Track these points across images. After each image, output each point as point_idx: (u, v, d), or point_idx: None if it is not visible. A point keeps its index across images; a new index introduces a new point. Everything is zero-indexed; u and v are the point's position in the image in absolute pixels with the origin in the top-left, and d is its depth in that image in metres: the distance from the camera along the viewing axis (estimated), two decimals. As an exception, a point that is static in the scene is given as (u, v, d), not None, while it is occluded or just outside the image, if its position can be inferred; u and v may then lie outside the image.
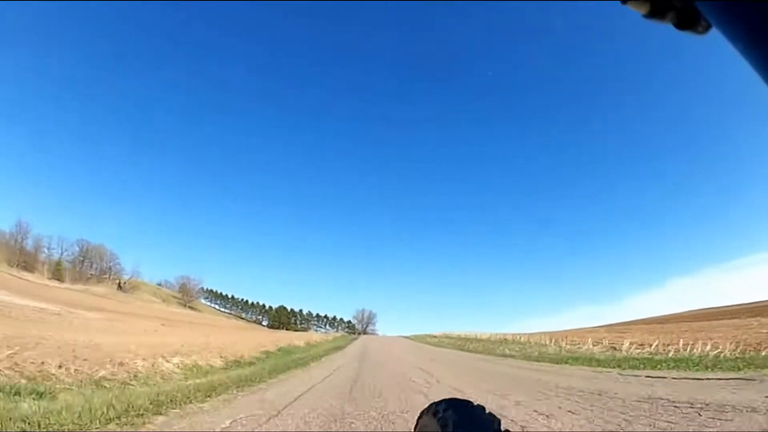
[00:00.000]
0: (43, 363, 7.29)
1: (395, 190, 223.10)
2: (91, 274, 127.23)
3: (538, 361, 16.67)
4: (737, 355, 11.38)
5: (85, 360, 8.24)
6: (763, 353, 10.96)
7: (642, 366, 11.44)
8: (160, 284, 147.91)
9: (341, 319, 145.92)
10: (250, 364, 14.21)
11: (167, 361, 10.15)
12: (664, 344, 16.47)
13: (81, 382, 6.97)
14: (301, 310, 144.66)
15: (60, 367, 7.36)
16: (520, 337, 35.59)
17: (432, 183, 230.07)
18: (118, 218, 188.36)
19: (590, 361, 14.38)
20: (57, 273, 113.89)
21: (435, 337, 61.74)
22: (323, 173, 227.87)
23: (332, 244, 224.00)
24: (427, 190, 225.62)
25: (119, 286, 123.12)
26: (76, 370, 7.46)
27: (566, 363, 14.55)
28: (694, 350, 13.36)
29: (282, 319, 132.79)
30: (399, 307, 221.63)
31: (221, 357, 13.68)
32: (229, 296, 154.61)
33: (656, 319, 68.44)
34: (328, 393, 8.66)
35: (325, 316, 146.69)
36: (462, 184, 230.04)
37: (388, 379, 11.39)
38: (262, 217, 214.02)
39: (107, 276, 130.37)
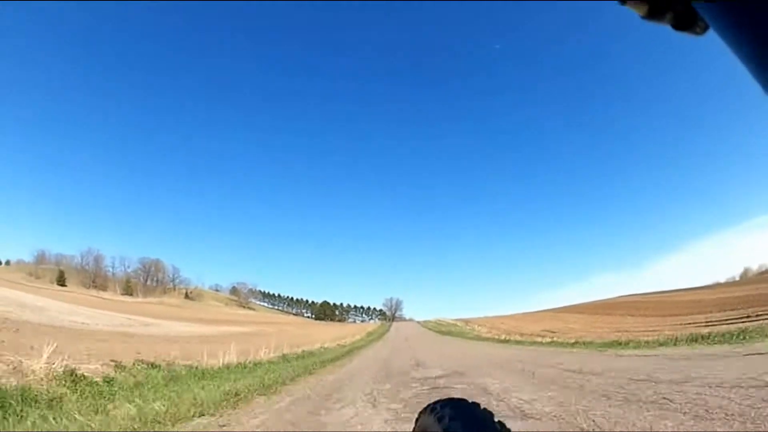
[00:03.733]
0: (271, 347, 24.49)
1: (420, 189, 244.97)
2: (155, 287, 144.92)
3: (452, 335, 34.44)
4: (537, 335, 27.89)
5: (307, 343, 25.25)
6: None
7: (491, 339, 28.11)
8: (214, 289, 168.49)
9: (374, 309, 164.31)
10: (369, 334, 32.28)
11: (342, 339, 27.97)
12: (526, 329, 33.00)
13: (320, 348, 23.88)
14: (341, 304, 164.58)
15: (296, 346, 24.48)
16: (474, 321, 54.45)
17: (450, 183, 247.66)
18: (165, 232, 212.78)
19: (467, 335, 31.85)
20: (128, 288, 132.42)
21: (430, 322, 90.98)
22: (350, 176, 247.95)
23: (363, 238, 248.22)
24: (445, 189, 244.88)
25: (186, 296, 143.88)
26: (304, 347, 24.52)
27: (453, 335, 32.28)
28: (533, 332, 29.84)
29: (326, 312, 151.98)
30: (425, 292, 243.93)
31: (347, 337, 31.67)
32: (276, 294, 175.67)
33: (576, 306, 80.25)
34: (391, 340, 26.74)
35: (361, 307, 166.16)
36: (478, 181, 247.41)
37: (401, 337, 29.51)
38: (295, 218, 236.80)
39: (172, 287, 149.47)
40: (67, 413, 5.06)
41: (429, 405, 1.14)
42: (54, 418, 4.80)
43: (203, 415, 5.92)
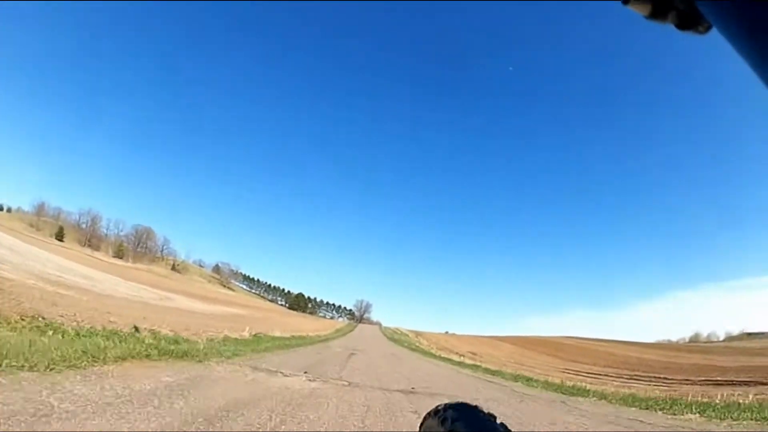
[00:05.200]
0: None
1: (408, 199, 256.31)
2: (144, 254, 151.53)
3: (401, 344, 45.17)
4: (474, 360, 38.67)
5: (296, 330, 35.55)
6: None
7: (430, 356, 38.69)
8: (198, 264, 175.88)
9: (344, 307, 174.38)
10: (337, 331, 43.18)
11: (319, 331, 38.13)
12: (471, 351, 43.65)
13: (307, 334, 34.27)
14: (315, 298, 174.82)
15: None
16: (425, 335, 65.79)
17: (435, 193, 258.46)
18: (159, 202, 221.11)
19: (413, 347, 42.47)
20: (119, 252, 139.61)
21: (389, 329, 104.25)
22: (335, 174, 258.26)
23: (344, 237, 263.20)
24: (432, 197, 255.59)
25: (173, 267, 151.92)
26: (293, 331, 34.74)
27: (396, 342, 42.99)
28: (459, 351, 40.53)
29: (300, 303, 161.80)
30: (396, 300, 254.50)
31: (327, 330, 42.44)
32: (255, 279, 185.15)
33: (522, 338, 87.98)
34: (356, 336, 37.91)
35: (332, 304, 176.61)
36: (462, 194, 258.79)
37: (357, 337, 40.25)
38: (282, 207, 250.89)
39: (161, 257, 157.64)
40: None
41: (433, 409, 1.19)
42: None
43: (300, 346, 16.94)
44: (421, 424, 1.24)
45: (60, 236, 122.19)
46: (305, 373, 9.73)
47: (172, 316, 20.60)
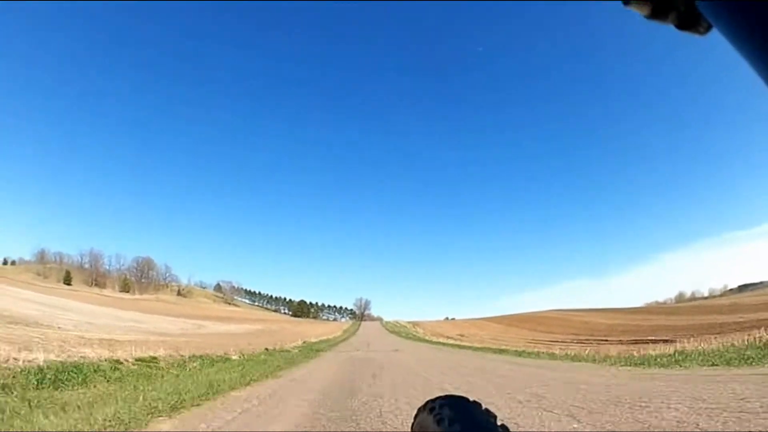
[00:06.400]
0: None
1: (396, 195, 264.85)
2: (148, 284, 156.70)
3: (399, 335, 54.94)
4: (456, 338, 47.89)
5: (312, 336, 44.06)
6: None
7: (420, 341, 47.75)
8: (200, 286, 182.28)
9: (345, 308, 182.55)
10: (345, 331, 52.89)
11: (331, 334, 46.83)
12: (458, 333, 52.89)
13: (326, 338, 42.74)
14: (317, 303, 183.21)
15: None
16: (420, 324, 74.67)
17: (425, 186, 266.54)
18: (153, 231, 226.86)
19: (411, 336, 52.10)
20: (125, 286, 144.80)
21: (390, 323, 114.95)
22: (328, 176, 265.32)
23: (338, 239, 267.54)
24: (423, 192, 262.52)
25: (178, 293, 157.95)
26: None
27: (397, 334, 52.98)
28: (450, 335, 49.75)
29: (303, 309, 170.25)
30: (393, 294, 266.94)
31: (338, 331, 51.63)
32: (256, 292, 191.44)
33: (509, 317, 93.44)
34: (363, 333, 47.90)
35: (334, 306, 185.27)
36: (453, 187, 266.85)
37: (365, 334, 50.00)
38: (273, 218, 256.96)
39: (165, 284, 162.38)
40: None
41: (427, 403, 1.10)
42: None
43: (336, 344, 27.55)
44: (414, 419, 1.15)
45: (68, 281, 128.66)
46: (357, 350, 22.25)
47: (229, 340, 27.87)
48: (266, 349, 18.99)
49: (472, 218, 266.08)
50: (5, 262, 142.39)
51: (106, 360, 10.06)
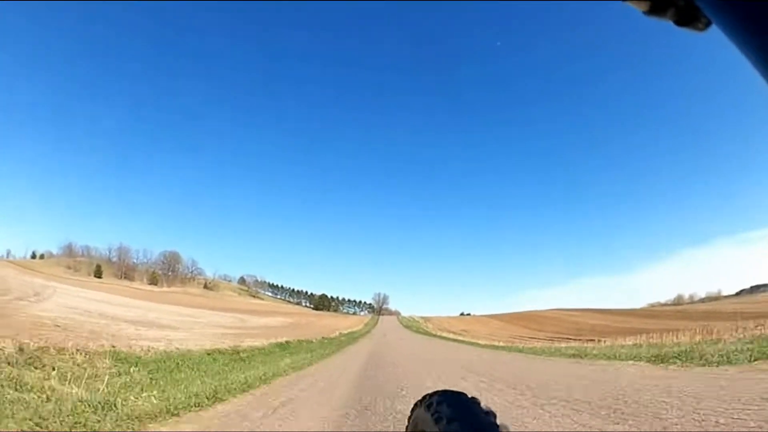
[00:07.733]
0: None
1: (417, 193, 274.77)
2: (175, 277, 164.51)
3: (411, 329, 65.62)
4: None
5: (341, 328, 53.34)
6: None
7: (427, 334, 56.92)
8: (224, 279, 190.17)
9: (364, 302, 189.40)
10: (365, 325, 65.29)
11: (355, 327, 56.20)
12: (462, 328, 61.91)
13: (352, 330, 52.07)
14: (337, 297, 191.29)
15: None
16: (432, 320, 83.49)
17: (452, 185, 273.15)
18: (179, 226, 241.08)
19: (420, 330, 62.12)
20: (153, 279, 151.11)
21: (405, 318, 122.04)
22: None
23: (358, 234, 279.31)
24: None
25: (205, 286, 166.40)
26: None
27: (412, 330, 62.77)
28: (454, 330, 58.80)
29: (324, 303, 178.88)
30: (411, 289, 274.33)
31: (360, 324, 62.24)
32: (279, 285, 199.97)
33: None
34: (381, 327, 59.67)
35: (353, 300, 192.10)
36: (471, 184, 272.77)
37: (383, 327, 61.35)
38: (297, 213, 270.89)
39: (191, 277, 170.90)
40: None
41: (424, 398, 1.08)
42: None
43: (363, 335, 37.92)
44: (411, 414, 1.16)
45: (98, 274, 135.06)
46: (384, 335, 35.03)
47: (277, 331, 38.16)
48: (323, 337, 28.07)
49: (496, 215, 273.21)
50: (33, 256, 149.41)
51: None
